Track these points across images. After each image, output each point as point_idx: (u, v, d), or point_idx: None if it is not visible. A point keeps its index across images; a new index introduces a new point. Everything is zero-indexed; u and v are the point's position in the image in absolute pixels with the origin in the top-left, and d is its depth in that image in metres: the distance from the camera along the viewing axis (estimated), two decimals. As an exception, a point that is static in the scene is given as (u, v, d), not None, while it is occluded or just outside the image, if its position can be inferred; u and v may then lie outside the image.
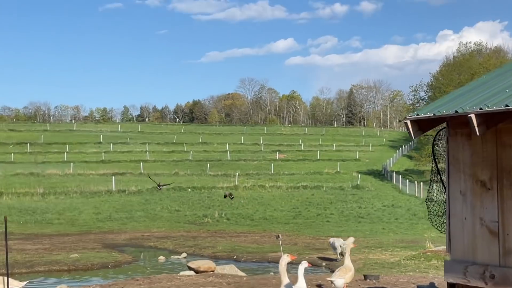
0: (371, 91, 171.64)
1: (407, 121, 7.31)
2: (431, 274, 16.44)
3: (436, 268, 17.71)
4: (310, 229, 36.68)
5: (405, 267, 18.30)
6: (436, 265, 18.17)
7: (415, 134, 7.46)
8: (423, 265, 18.39)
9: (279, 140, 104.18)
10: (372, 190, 58.88)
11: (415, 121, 7.35)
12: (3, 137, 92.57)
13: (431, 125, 7.60)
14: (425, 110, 7.40)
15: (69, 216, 44.65)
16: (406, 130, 7.51)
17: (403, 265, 18.81)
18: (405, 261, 19.70)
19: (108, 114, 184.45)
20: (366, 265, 19.88)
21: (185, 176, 66.22)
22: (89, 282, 18.61)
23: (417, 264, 18.77)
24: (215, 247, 27.63)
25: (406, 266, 18.63)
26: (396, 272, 17.28)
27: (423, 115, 7.25)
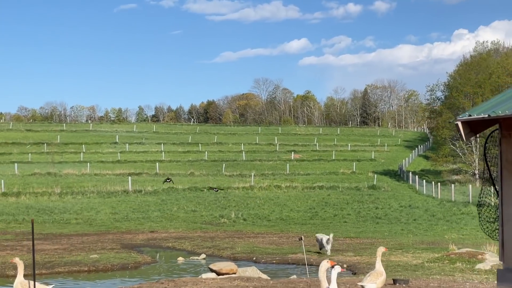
0: (385, 91, 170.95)
1: (458, 122, 7.04)
2: (458, 277, 16.24)
3: (462, 271, 17.51)
4: (328, 230, 36.31)
5: (429, 270, 18.09)
6: (461, 268, 17.96)
7: (467, 136, 7.10)
8: (448, 268, 18.17)
9: (294, 140, 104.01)
10: (388, 190, 58.62)
11: (467, 123, 7.01)
12: (20, 137, 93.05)
13: (483, 126, 7.24)
14: (478, 111, 7.12)
15: (87, 216, 44.75)
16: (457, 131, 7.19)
17: (427, 268, 18.59)
18: (429, 263, 19.48)
19: (123, 114, 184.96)
20: (388, 267, 19.66)
21: (201, 176, 66.24)
22: (114, 284, 18.57)
23: (441, 266, 18.55)
24: (233, 248, 27.51)
25: (430, 268, 18.41)
26: (420, 275, 17.08)
27: (476, 116, 6.91)
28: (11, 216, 43.51)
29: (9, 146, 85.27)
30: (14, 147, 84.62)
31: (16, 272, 21.30)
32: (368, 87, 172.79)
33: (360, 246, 27.46)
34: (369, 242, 29.48)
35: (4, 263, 23.32)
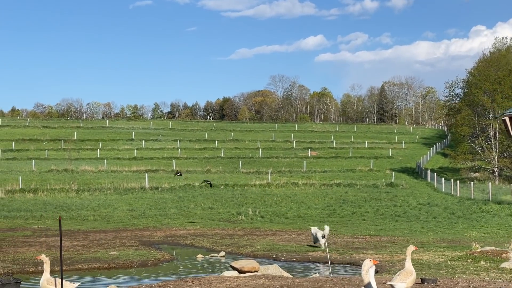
0: (403, 88, 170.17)
1: (505, 118, 6.82)
2: (485, 276, 15.95)
3: (486, 270, 17.21)
4: (346, 228, 36.23)
5: (453, 269, 17.80)
6: (485, 267, 17.66)
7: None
8: (472, 267, 17.87)
9: (310, 137, 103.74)
10: (406, 188, 58.23)
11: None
12: (37, 134, 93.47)
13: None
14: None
15: (104, 212, 44.77)
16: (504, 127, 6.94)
17: (451, 267, 18.30)
18: (452, 262, 19.18)
19: (138, 111, 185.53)
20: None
21: (217, 174, 66.18)
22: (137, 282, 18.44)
23: (465, 265, 18.25)
24: (253, 246, 27.31)
25: (454, 267, 18.11)
26: (445, 273, 16.80)
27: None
28: (29, 212, 43.61)
29: (26, 142, 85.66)
30: (31, 143, 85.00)
31: (37, 268, 21.39)
32: (385, 84, 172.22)
33: (380, 244, 27.16)
34: (389, 240, 29.17)
35: (24, 260, 23.27)
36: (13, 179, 54.67)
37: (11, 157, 73.51)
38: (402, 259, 21.20)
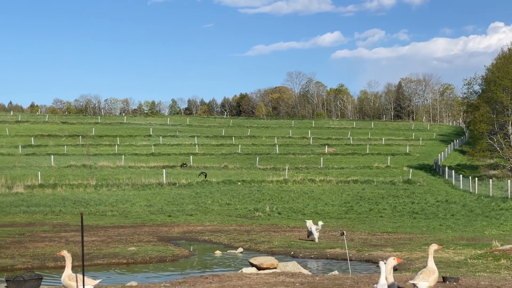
0: (420, 85, 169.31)
1: None
2: (506, 275, 15.84)
3: (507, 268, 17.10)
4: (364, 225, 36.16)
5: (473, 267, 17.70)
6: (506, 265, 17.54)
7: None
8: (492, 265, 17.76)
9: (327, 134, 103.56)
10: (424, 185, 57.95)
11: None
12: (56, 130, 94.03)
13: None
14: None
15: (122, 208, 44.98)
16: None
17: (471, 265, 18.20)
18: (472, 260, 19.07)
19: (156, 107, 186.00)
20: (428, 264, 19.34)
21: (234, 170, 66.23)
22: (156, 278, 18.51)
23: (486, 264, 18.14)
24: (270, 242, 27.33)
25: (474, 265, 18.02)
26: (465, 271, 16.71)
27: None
28: (48, 207, 43.92)
29: (45, 138, 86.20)
30: (50, 139, 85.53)
31: (56, 264, 21.54)
32: (402, 81, 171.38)
33: (399, 242, 27.08)
34: (408, 237, 29.08)
35: (44, 255, 23.44)
36: (33, 175, 55.07)
37: (30, 153, 74.03)
38: (421, 256, 21.14)
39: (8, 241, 27.44)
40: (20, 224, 35.75)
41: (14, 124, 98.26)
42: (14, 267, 20.96)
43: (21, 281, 13.52)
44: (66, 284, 12.37)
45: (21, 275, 13.84)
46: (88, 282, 12.12)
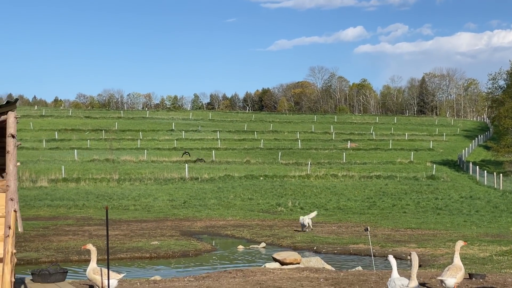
0: (444, 80, 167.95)
1: None
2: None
3: (533, 265, 16.92)
4: (387, 221, 35.95)
5: (499, 264, 17.52)
6: (532, 262, 17.37)
7: None
8: (518, 262, 17.61)
9: (350, 129, 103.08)
10: (448, 181, 57.50)
11: None
12: (79, 124, 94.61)
13: None
14: None
15: (145, 202, 45.18)
16: None
17: (496, 261, 18.02)
18: (497, 257, 18.89)
19: (178, 102, 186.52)
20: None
21: (257, 165, 66.18)
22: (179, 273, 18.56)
23: (511, 260, 17.97)
24: (293, 237, 27.28)
25: (499, 262, 17.84)
26: (491, 268, 16.55)
27: None
28: (72, 201, 44.25)
29: (69, 132, 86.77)
30: (73, 133, 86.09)
31: (80, 257, 21.69)
32: (425, 76, 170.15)
33: (423, 238, 26.89)
34: (431, 233, 28.87)
35: (67, 248, 23.61)
36: (56, 169, 55.49)
37: (54, 147, 74.58)
38: (446, 253, 20.98)
39: (33, 234, 27.68)
40: (44, 218, 36.06)
41: (38, 119, 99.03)
42: (38, 260, 21.14)
43: (47, 274, 13.62)
44: (91, 277, 12.43)
45: (47, 269, 13.95)
46: (112, 276, 12.16)
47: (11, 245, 9.27)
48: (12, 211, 9.27)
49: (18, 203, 9.44)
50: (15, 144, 9.21)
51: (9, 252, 9.05)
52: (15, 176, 9.26)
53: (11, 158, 9.12)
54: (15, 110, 9.29)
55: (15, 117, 9.21)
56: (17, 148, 9.29)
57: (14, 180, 9.26)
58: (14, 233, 9.49)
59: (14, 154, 9.20)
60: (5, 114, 9.13)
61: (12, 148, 9.12)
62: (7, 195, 9.30)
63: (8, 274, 8.92)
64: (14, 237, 9.56)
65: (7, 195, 9.29)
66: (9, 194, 9.26)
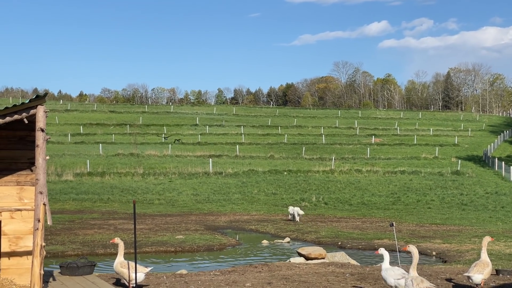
0: (469, 75, 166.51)
1: None
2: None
3: (561, 262, 16.75)
4: (412, 216, 35.78)
5: (526, 260, 17.41)
6: (559, 259, 17.19)
7: None
8: (545, 258, 17.44)
9: (374, 124, 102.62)
10: (473, 176, 57.03)
11: None
12: (104, 118, 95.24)
13: None
14: None
15: (169, 196, 45.39)
16: None
17: (523, 258, 17.90)
18: (524, 253, 18.75)
19: (202, 97, 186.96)
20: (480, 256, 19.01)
21: (281, 160, 66.12)
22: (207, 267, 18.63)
23: (539, 257, 17.82)
24: (317, 232, 27.26)
25: (526, 258, 17.72)
26: (517, 265, 16.42)
27: None
28: (97, 195, 44.59)
29: (94, 127, 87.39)
30: (98, 128, 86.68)
31: (105, 250, 21.87)
32: (451, 70, 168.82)
33: (448, 233, 26.73)
34: (457, 229, 28.69)
35: (93, 242, 23.81)
36: (81, 163, 55.91)
37: (79, 141, 75.16)
38: (471, 249, 20.83)
39: (59, 228, 27.95)
40: (69, 211, 36.39)
41: (64, 113, 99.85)
42: (64, 253, 21.35)
43: (75, 267, 13.74)
44: (119, 271, 12.53)
45: (75, 261, 14.08)
46: (140, 270, 12.24)
47: (40, 238, 9.39)
48: (41, 204, 9.39)
49: (47, 196, 9.54)
50: (44, 138, 9.32)
51: (38, 245, 9.17)
52: (44, 169, 9.38)
53: (40, 152, 9.24)
54: (44, 104, 9.41)
55: (45, 111, 9.33)
56: (46, 142, 9.40)
57: (43, 173, 9.37)
58: (43, 226, 9.61)
59: (44, 148, 9.31)
60: (34, 108, 9.25)
61: (41, 142, 9.23)
62: (36, 189, 9.42)
63: (38, 266, 9.05)
64: (43, 230, 9.68)
65: (36, 188, 9.42)
66: (38, 187, 9.38)
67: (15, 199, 11.06)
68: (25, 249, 11.14)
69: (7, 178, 11.18)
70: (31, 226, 9.77)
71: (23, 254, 11.17)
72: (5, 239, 11.18)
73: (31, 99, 9.28)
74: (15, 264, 11.30)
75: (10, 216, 11.00)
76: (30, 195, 10.50)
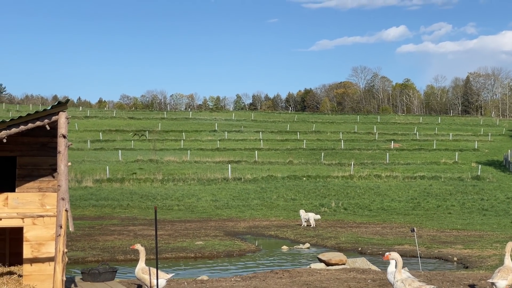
0: (489, 79, 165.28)
1: None
2: None
3: None
4: (432, 221, 35.55)
5: (549, 266, 17.16)
6: None
7: None
8: None
9: (393, 129, 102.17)
10: (493, 181, 56.58)
11: None
12: (123, 125, 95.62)
13: None
14: None
15: (188, 202, 45.45)
16: None
17: (546, 264, 17.65)
18: (547, 259, 18.50)
19: (221, 103, 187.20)
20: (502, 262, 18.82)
21: (299, 165, 66.00)
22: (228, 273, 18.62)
23: (562, 262, 17.57)
24: (337, 238, 27.15)
25: (550, 264, 17.47)
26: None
27: None
28: (116, 201, 44.74)
29: (113, 133, 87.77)
30: (117, 134, 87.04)
31: (126, 257, 21.92)
32: (470, 75, 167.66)
33: (469, 239, 26.51)
34: (478, 234, 28.45)
35: (113, 248, 23.88)
36: (101, 169, 56.15)
37: (98, 147, 75.51)
38: (493, 254, 20.63)
39: (79, 234, 28.07)
40: (89, 218, 36.55)
41: (83, 119, 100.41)
42: (85, 259, 21.43)
43: (96, 273, 13.78)
44: (140, 277, 12.53)
45: (96, 268, 14.12)
46: (161, 276, 12.24)
47: (63, 244, 9.42)
48: (64, 210, 9.43)
49: (69, 202, 9.58)
50: (66, 144, 9.36)
51: (61, 251, 9.20)
52: (66, 176, 9.41)
53: (62, 158, 9.27)
54: (66, 110, 9.45)
55: (66, 117, 9.37)
56: (68, 148, 9.44)
57: (65, 180, 9.42)
58: (65, 232, 9.64)
59: (65, 155, 9.35)
60: (56, 115, 9.29)
61: (63, 148, 9.27)
62: (59, 195, 9.46)
63: (60, 273, 9.08)
64: (65, 236, 9.71)
65: (59, 194, 9.46)
66: (60, 193, 9.42)
67: (37, 205, 11.09)
68: (47, 255, 11.16)
69: (29, 184, 11.24)
70: (53, 232, 9.79)
71: (45, 260, 11.20)
72: (27, 245, 11.22)
73: (53, 105, 9.33)
74: (37, 270, 11.34)
75: (32, 222, 11.03)
76: (52, 201, 10.53)
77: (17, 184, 11.30)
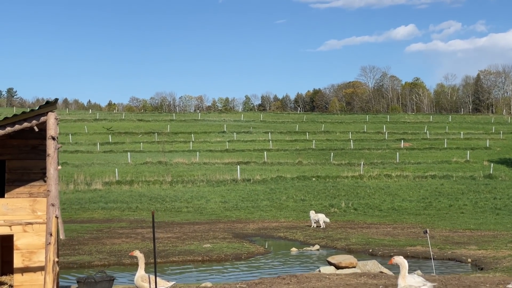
0: (499, 77, 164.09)
1: None
2: None
3: None
4: (444, 221, 34.92)
5: None
6: None
7: None
8: None
9: (403, 128, 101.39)
10: (506, 180, 55.81)
11: None
12: (132, 127, 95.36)
13: None
14: None
15: (197, 204, 45.01)
16: None
17: None
18: None
19: (230, 104, 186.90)
20: (518, 263, 18.24)
21: (309, 165, 65.44)
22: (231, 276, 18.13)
23: None
24: (347, 239, 26.59)
25: None
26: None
27: None
28: (125, 204, 44.36)
29: (122, 135, 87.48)
30: (126, 136, 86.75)
31: (132, 261, 21.42)
32: (480, 73, 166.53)
33: (483, 239, 25.88)
34: (492, 234, 27.82)
35: (120, 251, 23.44)
36: (110, 171, 55.82)
37: (108, 150, 75.20)
38: (508, 255, 20.05)
39: (87, 237, 27.68)
40: (98, 220, 36.18)
41: (93, 122, 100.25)
42: (91, 263, 21.00)
43: (92, 282, 13.21)
44: (139, 285, 12.04)
45: (92, 276, 13.54)
46: (161, 284, 11.73)
47: (53, 253, 8.91)
48: (54, 217, 8.92)
49: (59, 208, 9.08)
50: (55, 147, 8.86)
51: (51, 261, 8.69)
52: (56, 180, 8.91)
53: (51, 161, 8.77)
54: (55, 111, 8.94)
55: (56, 118, 8.87)
56: (58, 150, 8.94)
57: (55, 184, 8.91)
58: (56, 240, 9.13)
59: (55, 158, 8.84)
60: (45, 116, 8.79)
61: (52, 150, 8.77)
62: (48, 201, 8.94)
63: (50, 283, 8.57)
64: (56, 244, 9.20)
65: (48, 200, 8.94)
66: (50, 199, 8.91)
67: (28, 212, 10.58)
68: (39, 264, 10.61)
69: (19, 189, 10.73)
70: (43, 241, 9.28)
71: (37, 269, 10.66)
72: (18, 254, 10.69)
73: (41, 105, 8.84)
74: (28, 280, 10.80)
75: (23, 229, 10.51)
76: (44, 207, 10.04)
77: (7, 189, 10.79)
